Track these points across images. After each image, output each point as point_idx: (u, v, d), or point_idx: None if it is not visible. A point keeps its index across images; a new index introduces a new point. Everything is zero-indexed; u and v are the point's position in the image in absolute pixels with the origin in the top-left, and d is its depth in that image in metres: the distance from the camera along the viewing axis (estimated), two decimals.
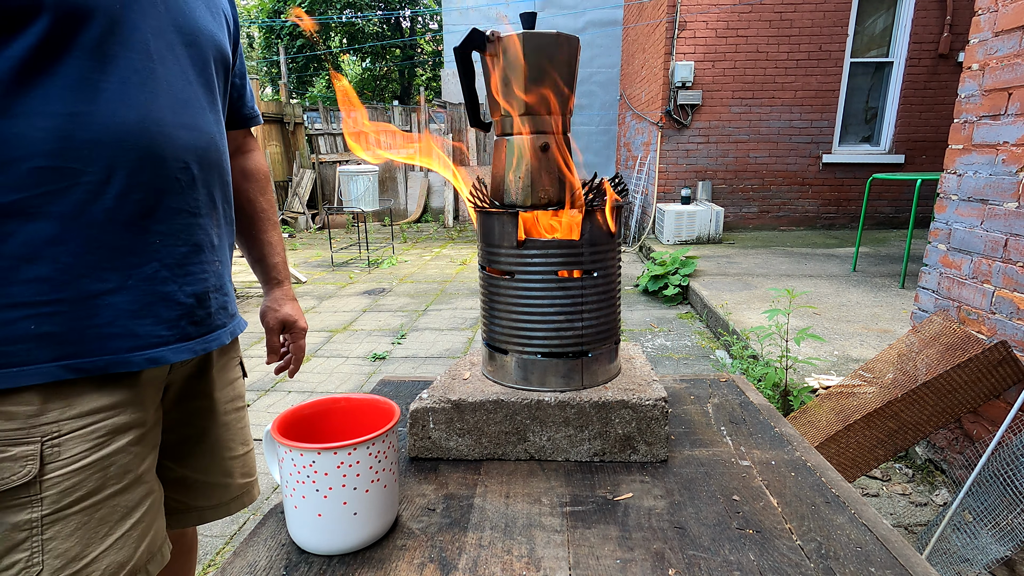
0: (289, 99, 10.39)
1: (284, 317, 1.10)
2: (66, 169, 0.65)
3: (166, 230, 0.75)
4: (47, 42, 0.64)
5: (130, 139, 0.70)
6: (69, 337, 0.68)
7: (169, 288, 0.76)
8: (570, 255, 0.67)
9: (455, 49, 0.68)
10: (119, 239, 0.71)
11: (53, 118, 0.65)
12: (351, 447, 0.51)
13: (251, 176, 1.07)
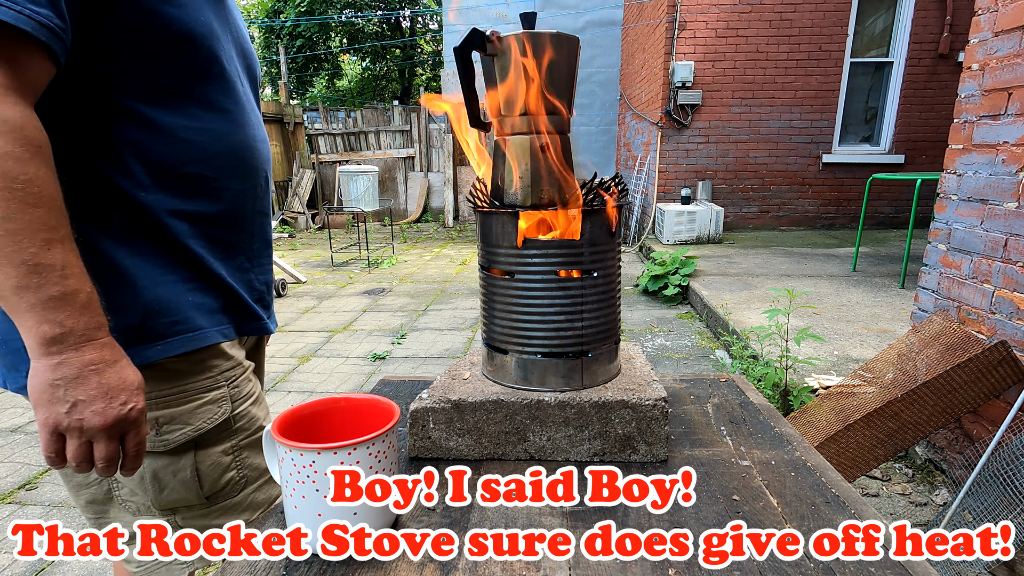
0: (289, 99, 10.39)
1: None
2: (203, 177, 0.78)
3: (251, 229, 0.88)
4: (196, 69, 0.77)
5: (239, 153, 0.83)
6: (220, 307, 0.83)
7: (250, 276, 0.89)
8: (570, 255, 0.67)
9: (455, 49, 0.68)
10: (227, 235, 0.84)
11: (199, 134, 0.77)
12: (351, 447, 0.51)
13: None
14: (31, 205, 0.58)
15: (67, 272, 0.61)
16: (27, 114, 0.60)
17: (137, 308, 0.73)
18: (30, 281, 0.59)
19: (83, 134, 0.69)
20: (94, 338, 0.63)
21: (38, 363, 0.61)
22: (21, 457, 2.51)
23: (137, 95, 0.71)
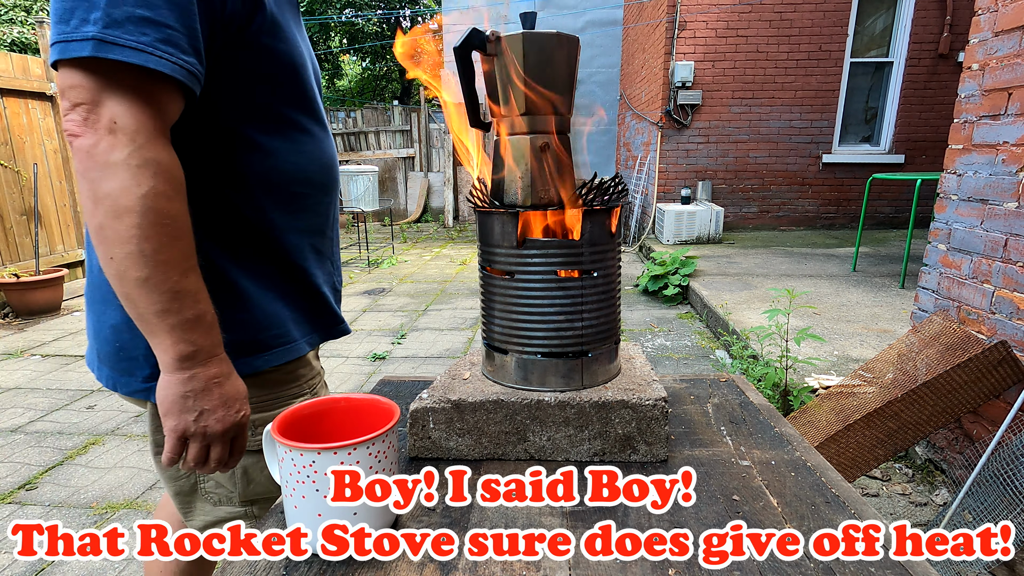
0: None
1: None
2: (304, 194, 0.86)
3: (333, 237, 0.96)
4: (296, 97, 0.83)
5: (327, 170, 0.90)
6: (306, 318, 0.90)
7: (333, 280, 0.97)
8: (570, 255, 0.67)
9: (455, 49, 0.68)
10: (320, 245, 0.92)
11: (300, 155, 0.85)
12: (351, 447, 0.51)
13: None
14: (176, 238, 0.65)
15: (199, 296, 0.68)
16: (173, 155, 0.66)
17: (250, 323, 0.81)
18: (171, 305, 0.65)
19: (207, 162, 0.75)
20: (216, 354, 0.70)
21: (171, 377, 0.68)
22: (21, 457, 2.51)
23: (252, 124, 0.78)
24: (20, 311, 4.67)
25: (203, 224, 0.75)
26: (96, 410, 2.98)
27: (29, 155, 5.16)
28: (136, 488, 2.26)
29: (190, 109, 0.70)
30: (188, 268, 0.67)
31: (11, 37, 9.03)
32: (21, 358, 3.79)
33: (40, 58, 5.30)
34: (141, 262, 0.63)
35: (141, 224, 0.62)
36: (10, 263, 4.93)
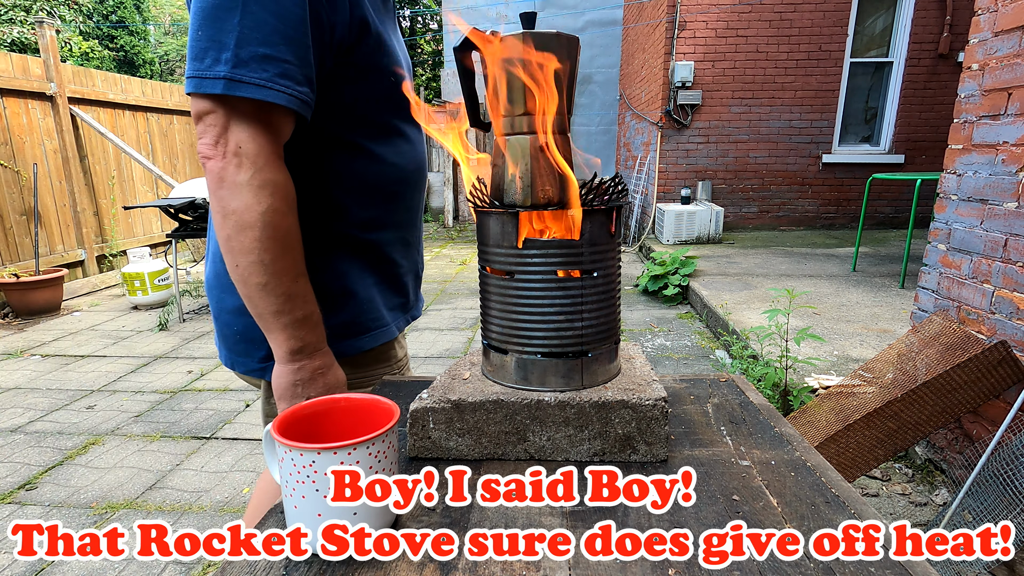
0: None
1: None
2: (399, 192, 0.94)
3: (418, 233, 1.04)
4: (396, 104, 0.90)
5: (420, 169, 0.98)
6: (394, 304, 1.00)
7: (418, 267, 1.07)
8: (570, 255, 0.67)
9: (455, 49, 0.68)
10: (409, 236, 1.01)
11: (398, 156, 0.93)
12: (351, 447, 0.51)
13: None
14: (289, 248, 0.75)
15: (307, 298, 0.78)
16: (287, 174, 0.76)
17: (352, 308, 0.92)
18: (285, 307, 0.76)
19: (318, 167, 0.85)
20: (320, 348, 0.81)
21: (283, 367, 0.79)
22: (21, 457, 2.51)
23: (358, 132, 0.87)
24: (20, 311, 4.66)
25: (314, 221, 0.85)
26: (96, 410, 2.98)
27: (29, 155, 5.16)
28: (136, 488, 2.26)
29: (303, 125, 0.79)
30: (298, 274, 0.77)
31: (11, 37, 9.03)
32: (21, 358, 3.79)
33: (40, 58, 5.30)
34: (261, 270, 0.73)
35: (261, 238, 0.72)
36: (10, 263, 4.93)
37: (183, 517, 2.07)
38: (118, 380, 3.38)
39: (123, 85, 6.36)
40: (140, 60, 12.45)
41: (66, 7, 10.80)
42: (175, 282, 4.56)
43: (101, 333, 4.28)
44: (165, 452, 2.54)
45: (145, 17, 12.81)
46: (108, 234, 6.06)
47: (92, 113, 5.87)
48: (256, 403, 3.04)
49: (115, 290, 5.61)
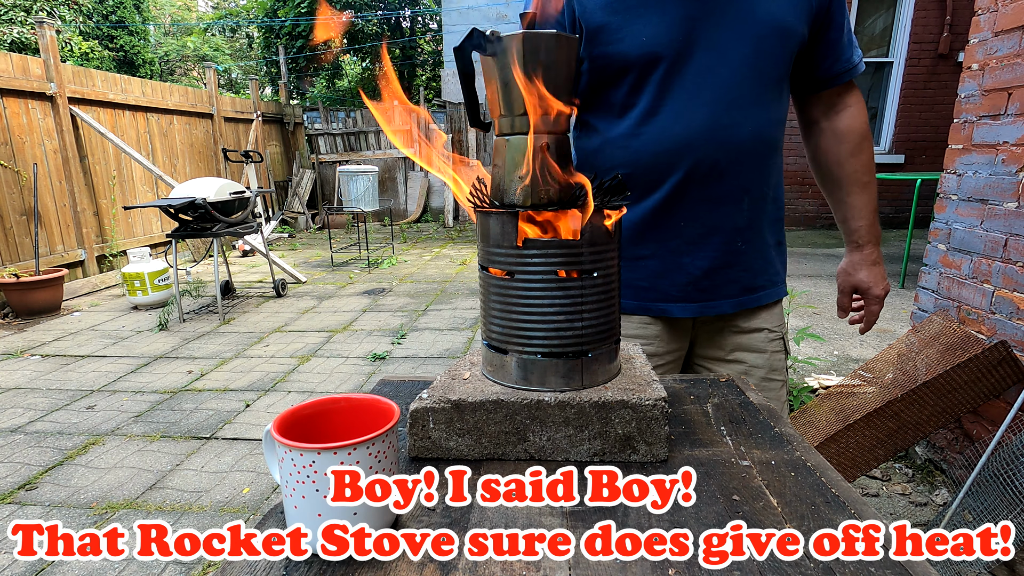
0: (289, 99, 10.38)
1: (856, 283, 1.14)
2: (632, 175, 0.97)
3: (688, 215, 0.99)
4: (632, 86, 0.95)
5: (675, 147, 0.95)
6: (623, 284, 1.03)
7: (684, 260, 1.01)
8: (570, 255, 0.67)
9: (455, 49, 0.68)
10: (657, 221, 1.00)
11: (628, 138, 0.97)
12: (351, 447, 0.51)
13: (842, 137, 1.07)
14: None
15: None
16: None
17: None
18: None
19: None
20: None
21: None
22: (21, 457, 2.51)
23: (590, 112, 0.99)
24: (20, 311, 4.67)
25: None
26: (96, 410, 2.98)
27: (29, 155, 5.16)
28: (136, 488, 2.26)
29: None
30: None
31: (11, 37, 9.03)
32: (21, 358, 3.79)
33: (40, 58, 5.30)
34: None
35: None
36: (10, 263, 4.93)
37: (183, 517, 2.07)
38: (118, 380, 3.38)
39: (123, 85, 6.36)
40: (140, 60, 12.45)
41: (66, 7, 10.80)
42: (175, 282, 4.56)
43: (101, 333, 4.28)
44: (165, 452, 2.54)
45: (145, 17, 12.81)
46: (108, 234, 6.06)
47: (92, 113, 5.87)
48: (257, 401, 3.04)
49: (115, 290, 5.61)
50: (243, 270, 6.44)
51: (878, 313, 1.15)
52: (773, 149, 1.00)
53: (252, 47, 16.99)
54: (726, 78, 0.93)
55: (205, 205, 4.24)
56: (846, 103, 1.05)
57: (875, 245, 1.11)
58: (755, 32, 0.92)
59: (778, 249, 1.10)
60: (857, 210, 1.09)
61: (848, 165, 1.06)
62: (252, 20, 14.86)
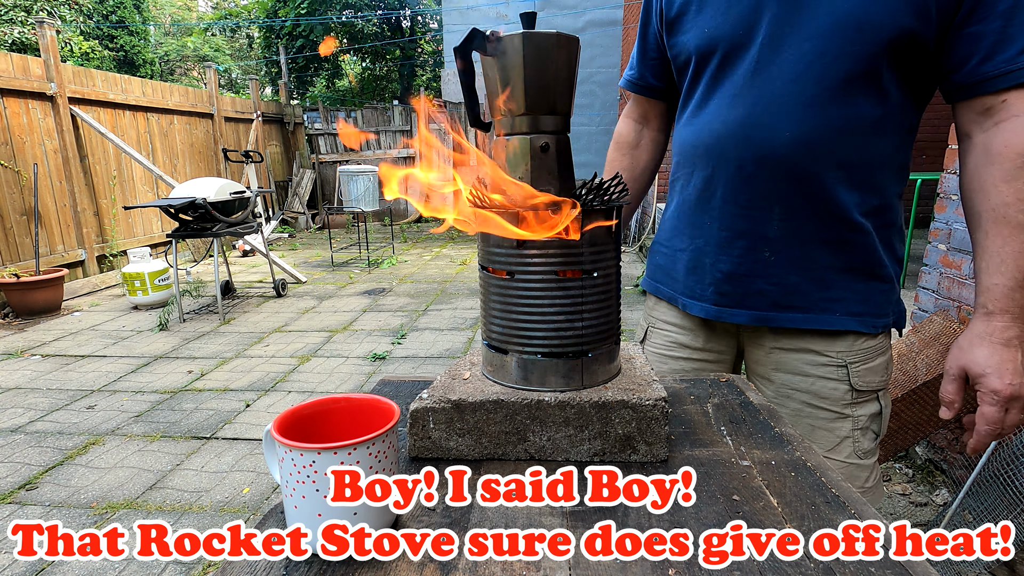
0: (289, 99, 10.38)
1: (967, 365, 0.83)
2: (680, 165, 1.01)
3: (716, 215, 0.96)
4: (693, 76, 0.96)
5: (707, 143, 0.93)
6: (664, 271, 1.10)
7: (707, 260, 0.99)
8: (570, 255, 0.67)
9: (455, 49, 0.68)
10: (691, 216, 1.00)
11: (680, 129, 1.00)
12: (351, 447, 0.51)
13: (995, 157, 0.80)
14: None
15: None
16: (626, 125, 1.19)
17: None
18: None
19: None
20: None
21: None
22: (21, 457, 2.51)
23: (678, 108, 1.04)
24: (20, 311, 4.67)
25: None
26: (96, 410, 2.98)
27: (29, 155, 5.16)
28: (136, 488, 2.26)
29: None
30: None
31: (11, 37, 9.03)
32: (21, 358, 3.79)
33: (40, 58, 5.30)
34: None
35: None
36: (10, 263, 4.93)
37: (183, 517, 2.07)
38: (118, 380, 3.38)
39: (123, 85, 6.36)
40: (140, 60, 12.45)
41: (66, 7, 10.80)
42: (175, 282, 4.56)
43: (101, 333, 4.28)
44: (165, 452, 2.54)
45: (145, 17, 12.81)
46: (108, 234, 6.06)
47: (92, 113, 5.88)
48: (257, 401, 3.04)
49: (115, 290, 5.61)
50: (243, 270, 6.44)
51: (998, 422, 0.80)
52: (828, 161, 0.86)
53: (252, 47, 16.99)
54: (775, 76, 0.84)
55: (205, 205, 4.24)
56: (1013, 111, 0.79)
57: (1015, 320, 0.79)
58: (824, 27, 0.81)
59: (852, 278, 0.93)
60: (996, 260, 0.80)
61: (995, 195, 0.79)
62: (252, 20, 14.87)
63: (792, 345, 0.98)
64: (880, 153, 0.88)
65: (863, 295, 0.94)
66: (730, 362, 1.10)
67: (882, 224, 0.93)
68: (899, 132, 0.89)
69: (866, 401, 0.98)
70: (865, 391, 0.97)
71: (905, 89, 0.86)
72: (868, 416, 0.98)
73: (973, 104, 0.83)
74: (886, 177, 0.91)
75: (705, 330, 1.07)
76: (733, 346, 1.08)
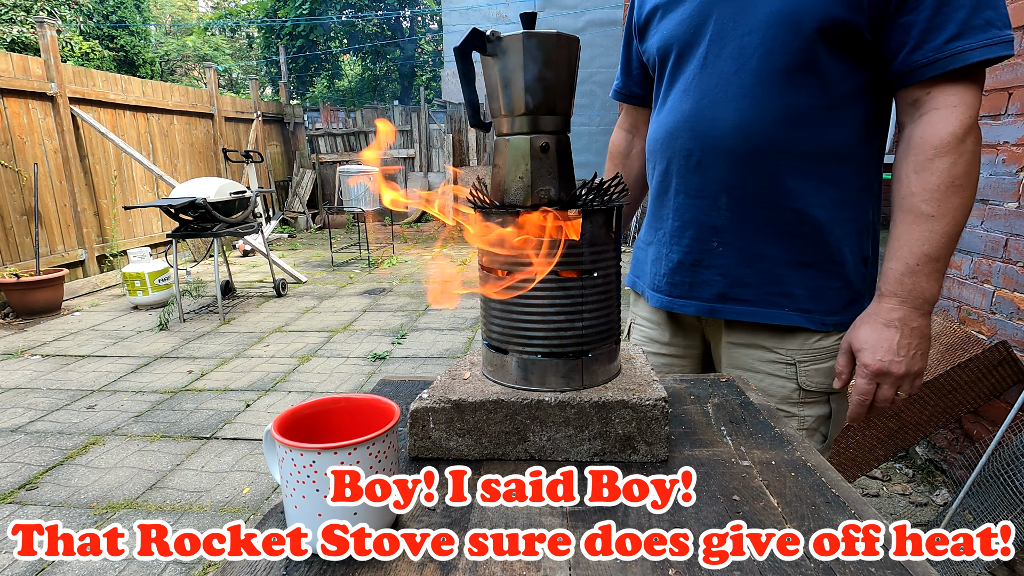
0: (289, 99, 10.38)
1: (851, 339, 0.88)
2: (648, 161, 1.06)
3: (672, 205, 0.99)
4: (657, 80, 1.01)
5: (663, 137, 0.97)
6: (639, 265, 1.12)
7: (663, 251, 1.01)
8: (570, 255, 0.67)
9: (455, 49, 0.68)
10: (655, 209, 1.03)
11: (651, 126, 1.04)
12: (351, 447, 0.51)
13: (911, 147, 0.82)
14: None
15: None
16: (618, 135, 1.22)
17: None
18: None
19: None
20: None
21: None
22: (21, 457, 2.51)
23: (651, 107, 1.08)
24: (20, 311, 4.67)
25: None
26: (96, 410, 2.98)
27: (29, 155, 5.16)
28: (136, 488, 2.26)
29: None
30: None
31: (11, 37, 9.03)
32: (21, 358, 3.79)
33: (40, 58, 5.31)
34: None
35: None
36: (10, 263, 4.93)
37: (183, 517, 2.07)
38: (118, 380, 3.38)
39: (124, 85, 6.36)
40: (140, 60, 12.45)
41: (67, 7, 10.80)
42: (175, 282, 4.56)
43: (101, 333, 4.28)
44: (165, 452, 2.54)
45: (145, 17, 12.81)
46: (108, 234, 6.06)
47: (93, 113, 5.88)
48: (257, 401, 3.04)
49: (115, 290, 5.61)
50: (243, 270, 6.44)
51: (867, 394, 0.86)
52: (770, 150, 0.87)
53: (252, 47, 16.99)
54: (719, 70, 0.88)
55: (205, 205, 4.24)
56: (934, 104, 0.80)
57: (903, 303, 0.82)
58: (761, 21, 0.84)
59: (802, 272, 0.92)
60: (895, 246, 0.83)
61: (906, 184, 0.82)
62: (252, 20, 14.87)
63: (744, 340, 0.98)
64: (834, 143, 0.87)
65: (814, 291, 0.92)
66: (697, 357, 1.11)
67: (843, 219, 0.91)
68: (855, 122, 0.88)
69: (815, 402, 0.97)
70: (814, 391, 0.96)
71: (851, 79, 0.85)
72: (815, 418, 0.97)
73: (905, 95, 0.84)
74: (847, 169, 0.89)
75: (671, 324, 1.08)
76: (699, 341, 1.09)
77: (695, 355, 1.10)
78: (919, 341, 0.83)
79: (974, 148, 0.79)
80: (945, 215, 0.79)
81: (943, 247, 0.80)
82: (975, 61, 0.75)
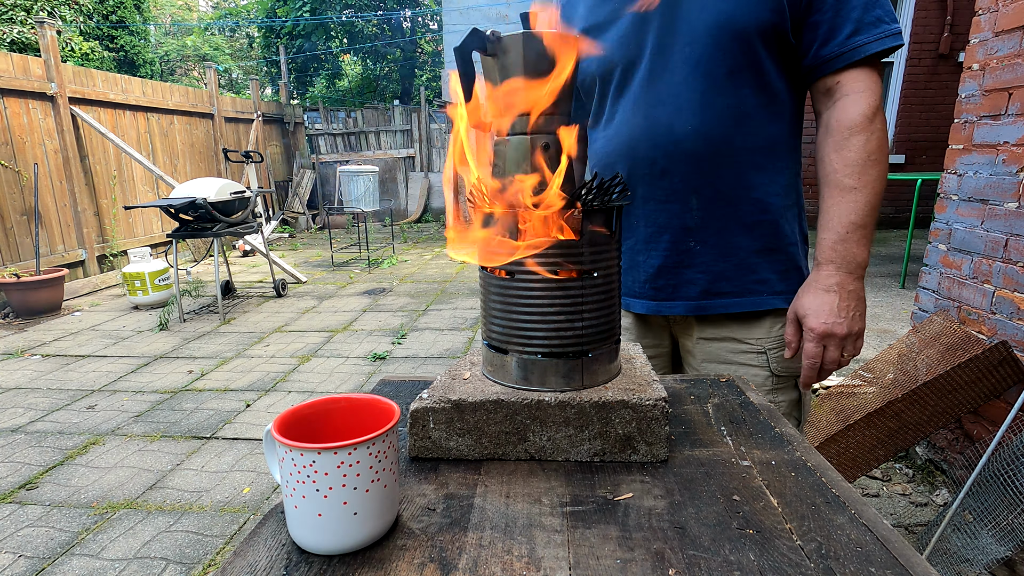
0: (289, 99, 10.37)
1: (795, 308, 0.95)
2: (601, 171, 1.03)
3: (640, 213, 1.01)
4: (599, 98, 1.04)
5: (619, 149, 0.99)
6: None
7: (639, 258, 1.03)
8: (570, 255, 0.67)
9: (455, 49, 0.68)
10: (625, 219, 1.02)
11: (593, 145, 1.06)
12: (351, 447, 0.51)
13: (830, 129, 0.93)
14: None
15: None
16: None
17: None
18: None
19: None
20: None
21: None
22: (21, 457, 2.51)
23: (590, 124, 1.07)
24: (21, 311, 4.67)
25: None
26: (96, 410, 2.98)
27: (29, 155, 5.16)
28: (136, 488, 2.26)
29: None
30: None
31: (11, 37, 9.03)
32: (22, 358, 3.79)
33: (40, 58, 5.31)
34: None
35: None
36: (11, 263, 4.93)
37: (183, 517, 2.08)
38: (118, 380, 3.38)
39: (124, 85, 6.36)
40: (140, 60, 12.45)
41: (67, 7, 10.80)
42: (175, 282, 4.56)
43: (102, 333, 4.28)
44: (165, 452, 2.54)
45: (145, 17, 12.80)
46: (109, 234, 6.06)
47: (93, 113, 5.88)
48: (257, 401, 3.04)
49: (116, 290, 5.62)
50: (243, 270, 6.44)
51: (815, 356, 0.92)
52: (728, 148, 0.94)
53: (252, 47, 16.99)
54: (668, 80, 0.94)
55: (205, 205, 4.24)
56: (844, 91, 0.91)
57: (838, 269, 0.90)
58: (700, 31, 0.91)
59: (769, 258, 0.99)
60: (826, 218, 0.92)
61: (828, 163, 0.92)
62: (252, 20, 14.86)
63: (716, 334, 1.04)
64: (776, 136, 0.98)
65: (782, 274, 1.01)
66: (667, 355, 1.14)
67: (789, 204, 1.01)
68: (788, 117, 0.99)
69: (785, 387, 1.03)
70: (785, 376, 1.03)
71: (783, 77, 0.96)
72: (788, 402, 1.04)
73: (818, 86, 0.95)
74: (788, 159, 1.01)
75: (640, 325, 1.12)
76: (667, 338, 1.13)
77: (664, 353, 1.14)
78: (856, 303, 0.91)
79: (882, 126, 0.90)
80: (866, 186, 0.89)
81: (867, 215, 0.90)
82: (873, 52, 0.88)
